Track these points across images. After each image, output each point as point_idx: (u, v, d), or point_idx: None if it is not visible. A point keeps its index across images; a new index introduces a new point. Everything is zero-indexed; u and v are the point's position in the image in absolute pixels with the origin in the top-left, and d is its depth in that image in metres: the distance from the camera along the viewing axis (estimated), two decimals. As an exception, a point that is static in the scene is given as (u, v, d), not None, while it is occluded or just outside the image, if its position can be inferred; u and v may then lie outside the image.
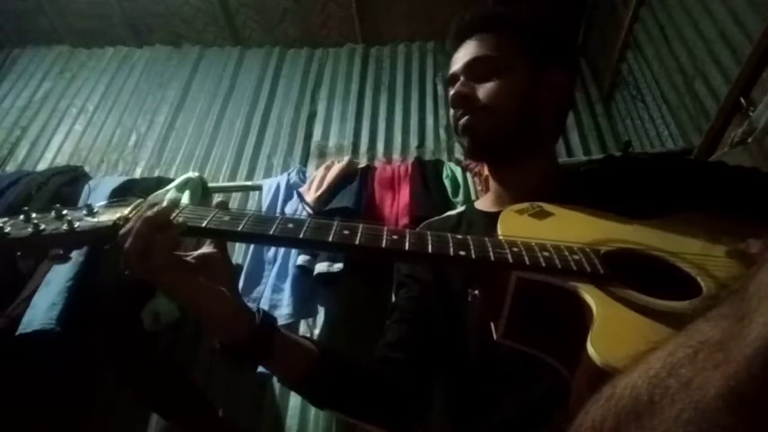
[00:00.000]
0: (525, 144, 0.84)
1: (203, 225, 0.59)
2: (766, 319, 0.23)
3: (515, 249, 0.57)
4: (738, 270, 0.57)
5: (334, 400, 0.74)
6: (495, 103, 0.81)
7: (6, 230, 0.57)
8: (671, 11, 2.10)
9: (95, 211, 0.60)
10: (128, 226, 0.56)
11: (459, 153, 2.40)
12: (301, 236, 0.57)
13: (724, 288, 0.28)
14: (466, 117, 0.83)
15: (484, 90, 0.82)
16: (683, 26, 2.01)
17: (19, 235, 0.57)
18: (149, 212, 0.57)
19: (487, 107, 0.81)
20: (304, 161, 2.60)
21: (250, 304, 0.66)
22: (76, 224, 0.58)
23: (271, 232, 0.57)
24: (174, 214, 0.59)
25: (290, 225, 0.58)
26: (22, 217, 0.59)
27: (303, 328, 1.98)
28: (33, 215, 0.59)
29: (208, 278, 0.59)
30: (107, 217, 0.60)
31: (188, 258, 0.60)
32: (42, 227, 0.58)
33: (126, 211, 0.60)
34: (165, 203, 0.60)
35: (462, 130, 0.83)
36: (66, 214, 0.59)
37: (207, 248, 0.63)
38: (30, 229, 0.57)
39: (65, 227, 0.58)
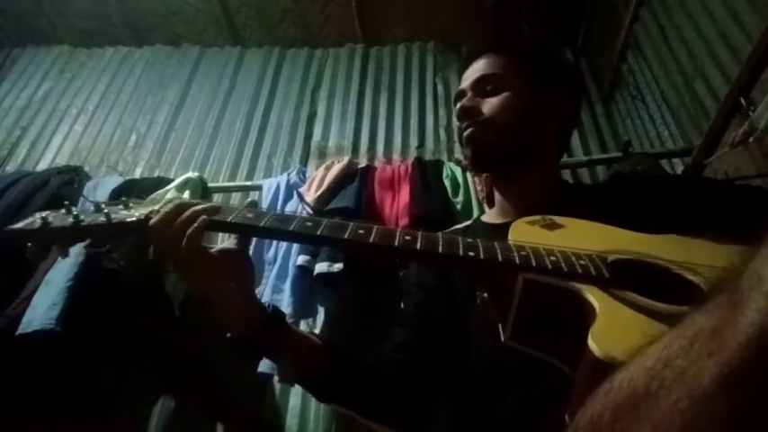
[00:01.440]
0: (526, 158, 0.88)
1: (228, 220, 0.64)
2: (759, 306, 0.23)
3: (523, 253, 0.59)
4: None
5: (337, 396, 0.77)
6: (497, 117, 0.86)
7: (49, 221, 0.63)
8: (671, 11, 2.10)
9: (130, 205, 0.67)
10: (158, 217, 0.63)
11: (458, 153, 2.40)
12: (319, 233, 0.61)
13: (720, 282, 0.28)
14: (470, 129, 0.88)
15: (487, 105, 0.87)
16: (682, 26, 2.01)
17: (61, 224, 0.63)
18: (191, 210, 0.63)
19: (490, 120, 0.86)
20: (304, 161, 2.60)
21: None
22: (113, 216, 0.64)
23: (291, 228, 0.62)
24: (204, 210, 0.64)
25: (309, 224, 0.63)
26: (63, 210, 0.64)
27: (303, 328, 1.98)
28: (73, 209, 0.64)
29: (227, 271, 0.65)
30: (141, 211, 0.66)
31: (212, 251, 0.65)
32: (82, 218, 0.63)
33: (156, 207, 0.66)
34: (203, 202, 0.67)
35: (466, 140, 0.89)
36: (103, 208, 0.66)
37: (230, 244, 0.67)
38: (71, 220, 0.63)
39: (102, 218, 0.64)
